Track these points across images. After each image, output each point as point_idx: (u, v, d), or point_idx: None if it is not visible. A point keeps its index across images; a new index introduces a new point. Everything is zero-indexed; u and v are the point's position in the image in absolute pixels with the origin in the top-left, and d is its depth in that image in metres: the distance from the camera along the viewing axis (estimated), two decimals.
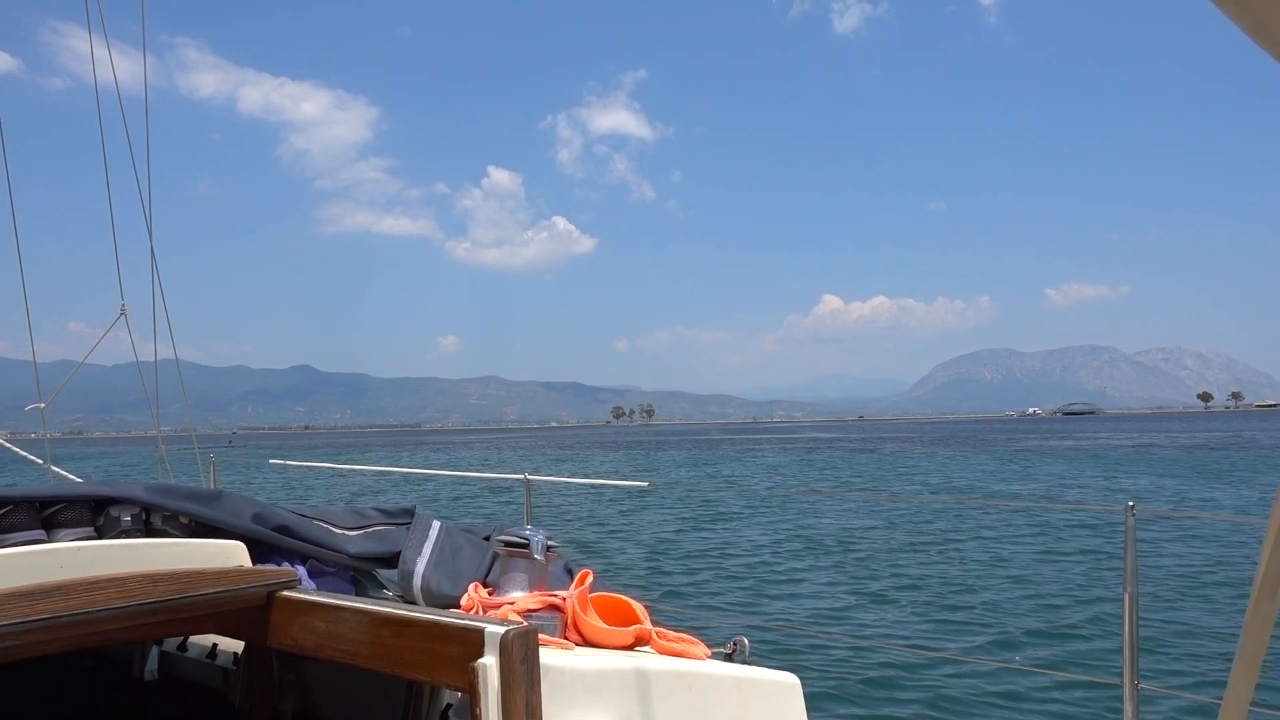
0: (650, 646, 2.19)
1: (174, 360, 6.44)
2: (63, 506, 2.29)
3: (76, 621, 1.68)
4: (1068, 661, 8.64)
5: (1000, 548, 15.85)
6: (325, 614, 1.84)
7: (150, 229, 6.40)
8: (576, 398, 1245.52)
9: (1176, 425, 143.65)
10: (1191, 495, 26.35)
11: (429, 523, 2.72)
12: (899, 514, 20.90)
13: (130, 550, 1.95)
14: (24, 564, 1.75)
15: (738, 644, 2.37)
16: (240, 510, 2.46)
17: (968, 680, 7.82)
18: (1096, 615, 10.43)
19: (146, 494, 2.37)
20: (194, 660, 2.49)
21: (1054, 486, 31.51)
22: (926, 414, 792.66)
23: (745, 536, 17.98)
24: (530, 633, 1.54)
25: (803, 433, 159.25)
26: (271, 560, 2.44)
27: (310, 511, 2.66)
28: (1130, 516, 3.64)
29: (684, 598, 11.97)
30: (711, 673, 2.04)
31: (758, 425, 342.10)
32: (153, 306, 6.40)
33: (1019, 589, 12.18)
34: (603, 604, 2.30)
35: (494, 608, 2.17)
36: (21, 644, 1.61)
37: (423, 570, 2.53)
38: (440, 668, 1.59)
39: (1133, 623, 3.58)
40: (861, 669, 8.22)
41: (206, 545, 2.14)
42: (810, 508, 22.39)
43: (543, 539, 2.31)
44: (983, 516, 19.76)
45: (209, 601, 1.89)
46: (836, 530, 18.54)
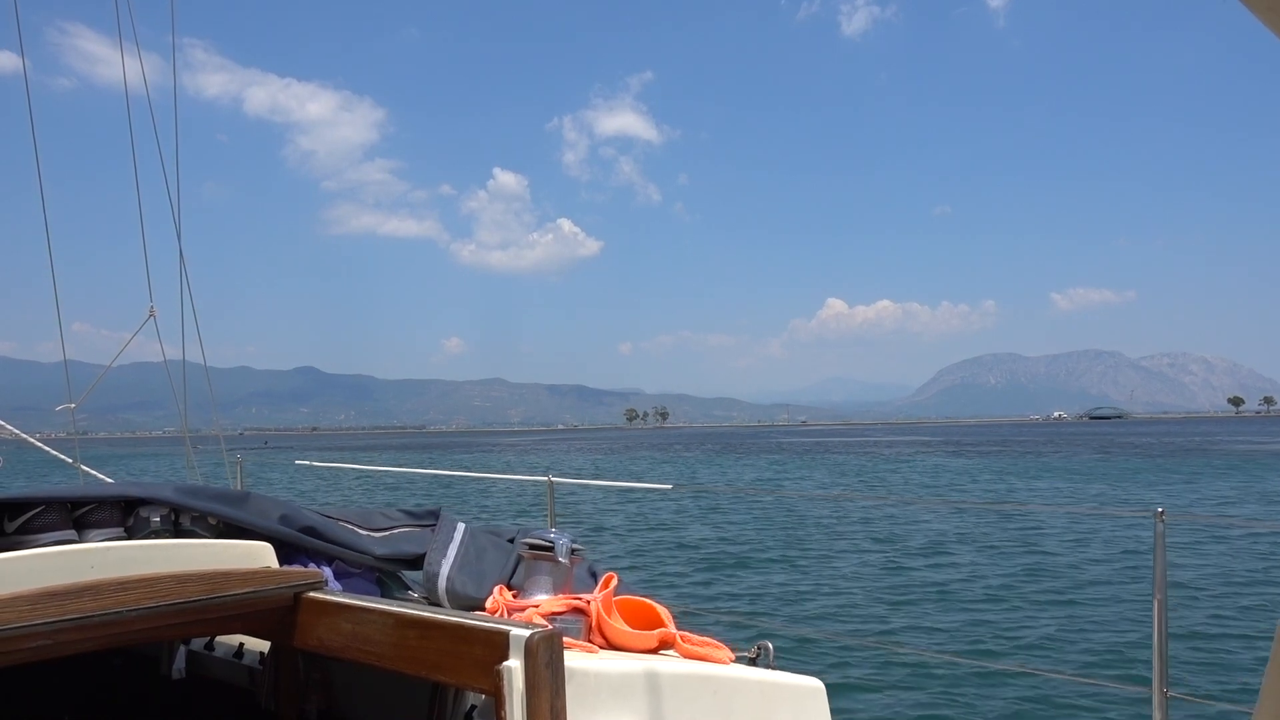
0: (674, 650, 2.18)
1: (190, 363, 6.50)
2: (93, 507, 2.31)
3: (107, 621, 1.70)
4: (1097, 668, 8.54)
5: (1029, 552, 15.71)
6: (351, 615, 1.85)
7: (179, 232, 6.47)
8: (581, 400, 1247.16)
9: (1236, 430, 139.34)
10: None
11: (454, 525, 2.72)
12: (925, 518, 20.76)
13: (160, 551, 1.97)
14: (56, 564, 1.77)
15: (762, 648, 2.36)
16: (267, 511, 2.47)
17: (994, 686, 7.75)
18: (1126, 621, 10.31)
19: (175, 495, 2.39)
20: (221, 659, 2.51)
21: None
22: (932, 419, 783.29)
23: (771, 539, 17.92)
24: (555, 636, 1.54)
25: (872, 435, 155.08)
26: (298, 561, 2.45)
27: (336, 513, 2.67)
28: (1160, 522, 3.60)
29: (708, 601, 11.95)
30: (735, 677, 2.03)
31: (808, 429, 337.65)
32: (181, 309, 6.48)
33: (1047, 594, 12.06)
34: (627, 607, 2.29)
35: (519, 610, 2.17)
36: (54, 643, 1.63)
37: (448, 572, 2.53)
38: (465, 670, 1.59)
39: (1162, 629, 3.54)
40: (886, 673, 8.17)
41: (234, 546, 2.16)
42: (835, 511, 22.29)
43: (567, 542, 2.31)
44: (1009, 521, 19.59)
45: (237, 602, 1.90)
46: (861, 534, 18.44)
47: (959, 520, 20.23)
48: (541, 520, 8.59)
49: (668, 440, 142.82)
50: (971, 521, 19.94)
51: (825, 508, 23.03)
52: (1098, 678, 7.92)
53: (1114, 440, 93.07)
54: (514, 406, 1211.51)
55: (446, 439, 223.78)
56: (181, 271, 6.38)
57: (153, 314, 6.25)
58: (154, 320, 6.32)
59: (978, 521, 19.90)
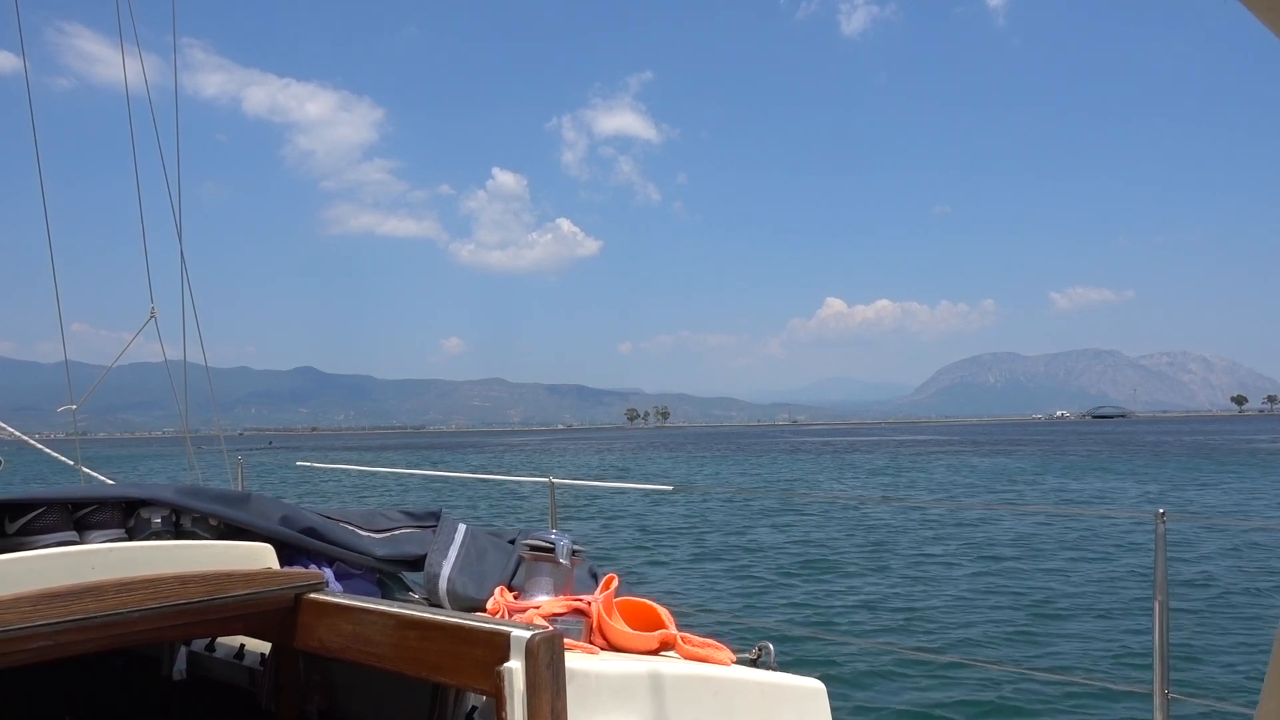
0: (675, 651, 2.18)
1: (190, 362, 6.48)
2: (94, 508, 2.31)
3: (109, 622, 1.70)
4: (1098, 669, 8.54)
5: (1030, 554, 15.71)
6: (351, 616, 1.85)
7: (180, 233, 6.46)
8: (580, 400, 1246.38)
9: (1253, 428, 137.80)
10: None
11: (455, 526, 2.73)
12: (925, 520, 20.74)
13: (161, 552, 1.98)
14: (57, 565, 1.77)
15: (763, 649, 2.36)
16: (268, 512, 2.48)
17: (996, 687, 7.75)
18: (1127, 622, 10.31)
19: (176, 496, 2.40)
20: (222, 660, 2.51)
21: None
22: (931, 418, 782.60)
23: (771, 540, 17.92)
24: (556, 637, 1.54)
25: (881, 434, 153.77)
26: (299, 562, 2.45)
27: (337, 514, 2.67)
28: (1160, 524, 3.60)
29: (709, 602, 11.95)
30: (736, 678, 2.04)
31: (840, 427, 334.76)
32: (182, 310, 6.46)
33: (1048, 595, 12.06)
34: (628, 608, 2.30)
35: (519, 611, 2.17)
36: (55, 644, 1.64)
37: (448, 573, 2.53)
38: (466, 671, 1.59)
39: (1163, 630, 3.53)
40: (887, 674, 8.17)
41: (235, 547, 2.16)
42: (836, 512, 22.28)
43: (568, 543, 2.31)
44: (1010, 522, 19.57)
45: (238, 603, 1.91)
46: (863, 535, 18.44)
47: (954, 521, 20.22)
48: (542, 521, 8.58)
49: (674, 440, 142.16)
50: (966, 522, 19.92)
51: (827, 508, 23.02)
52: (1098, 678, 7.92)
53: (1132, 439, 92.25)
54: (513, 406, 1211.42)
55: (459, 439, 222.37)
56: (183, 272, 6.38)
57: (153, 315, 6.25)
58: (154, 321, 6.31)
59: (972, 522, 19.87)
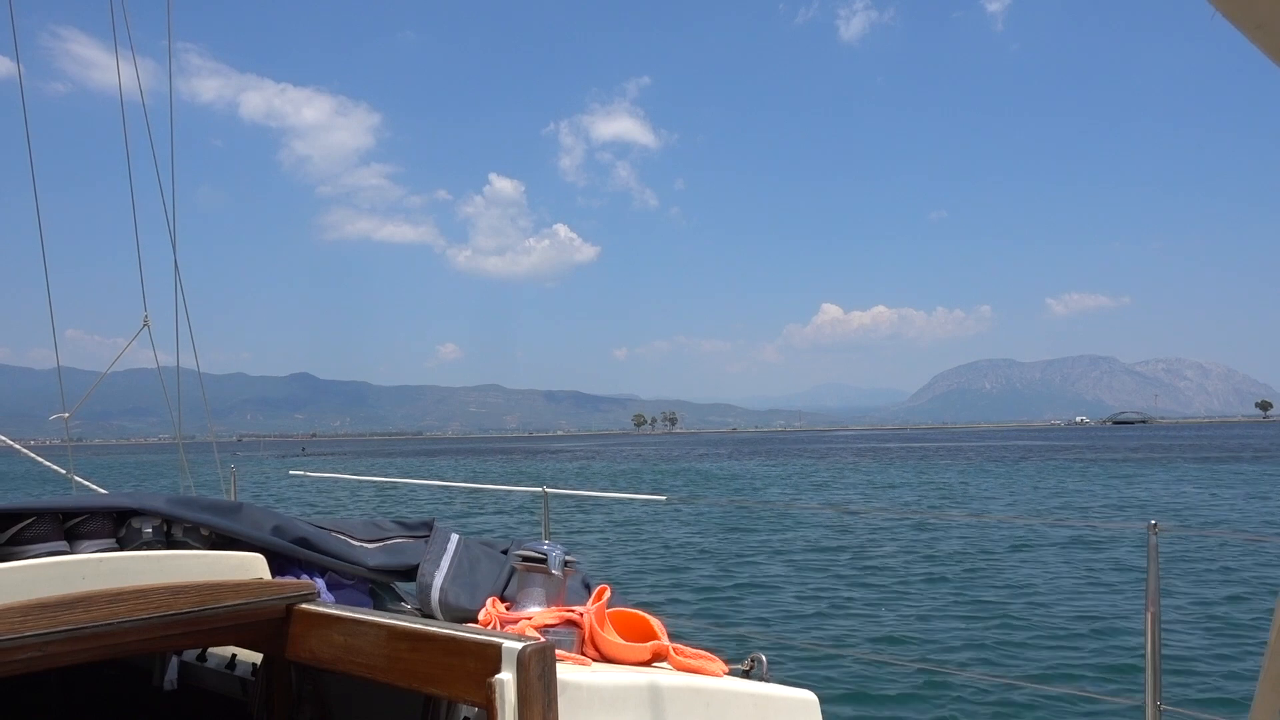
0: (667, 663, 2.18)
1: (184, 369, 6.48)
2: (85, 518, 2.31)
3: (99, 633, 1.69)
4: (1090, 681, 8.54)
5: (1021, 565, 15.71)
6: (343, 627, 1.85)
7: (174, 240, 6.46)
8: (577, 407, 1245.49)
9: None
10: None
11: (447, 536, 2.73)
12: (918, 531, 20.73)
13: (152, 562, 1.97)
14: (48, 575, 1.77)
15: (755, 660, 2.36)
16: (260, 522, 2.47)
17: (988, 698, 7.75)
18: (1118, 634, 10.31)
19: (168, 506, 2.39)
20: (213, 670, 2.51)
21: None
22: (926, 424, 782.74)
23: (763, 552, 17.90)
24: (547, 648, 1.54)
25: (889, 441, 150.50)
26: (291, 572, 2.45)
27: (329, 524, 2.68)
28: (1153, 535, 3.61)
29: (702, 614, 11.93)
30: (729, 689, 2.04)
31: (882, 431, 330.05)
32: (175, 317, 6.46)
33: (1040, 607, 12.06)
34: (620, 620, 2.29)
35: (511, 623, 2.17)
36: (45, 654, 1.63)
37: (441, 584, 2.53)
38: (457, 682, 1.59)
39: (1155, 642, 3.54)
40: (880, 686, 8.16)
41: (227, 558, 2.16)
42: (830, 523, 22.26)
43: (560, 554, 2.31)
44: (1001, 533, 19.58)
45: (229, 614, 1.90)
46: (856, 546, 18.42)
47: (946, 533, 20.21)
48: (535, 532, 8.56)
49: (691, 446, 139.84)
50: (958, 534, 19.92)
51: (820, 519, 22.98)
52: (1090, 690, 7.93)
53: (1175, 443, 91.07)
54: (510, 412, 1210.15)
55: (510, 444, 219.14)
56: (176, 280, 6.37)
57: (147, 324, 6.24)
58: (148, 329, 6.31)
59: (964, 533, 19.87)
